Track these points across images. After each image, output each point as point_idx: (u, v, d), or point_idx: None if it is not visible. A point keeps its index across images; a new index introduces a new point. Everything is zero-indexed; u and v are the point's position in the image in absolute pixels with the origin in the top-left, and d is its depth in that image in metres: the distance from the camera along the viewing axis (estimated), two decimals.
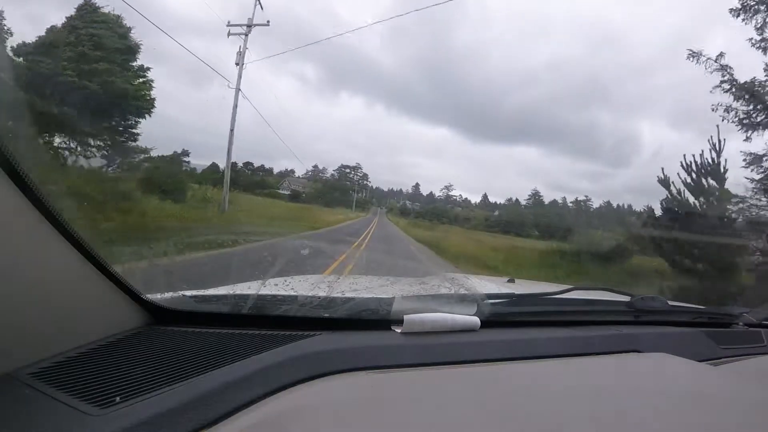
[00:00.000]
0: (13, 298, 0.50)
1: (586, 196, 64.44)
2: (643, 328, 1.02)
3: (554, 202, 64.39)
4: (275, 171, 63.09)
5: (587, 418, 0.54)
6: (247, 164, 58.27)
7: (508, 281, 1.46)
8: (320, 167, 69.84)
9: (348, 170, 74.73)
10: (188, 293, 0.81)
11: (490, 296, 0.90)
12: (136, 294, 0.69)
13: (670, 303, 1.09)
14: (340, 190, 64.36)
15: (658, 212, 9.76)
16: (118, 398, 0.50)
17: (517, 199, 68.13)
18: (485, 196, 74.06)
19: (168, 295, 0.78)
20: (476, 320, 0.81)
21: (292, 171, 65.65)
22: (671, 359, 0.83)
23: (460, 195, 75.20)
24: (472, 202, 73.24)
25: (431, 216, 56.22)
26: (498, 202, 70.35)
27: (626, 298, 1.05)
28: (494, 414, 0.54)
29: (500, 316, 0.87)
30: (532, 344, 0.81)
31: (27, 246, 0.52)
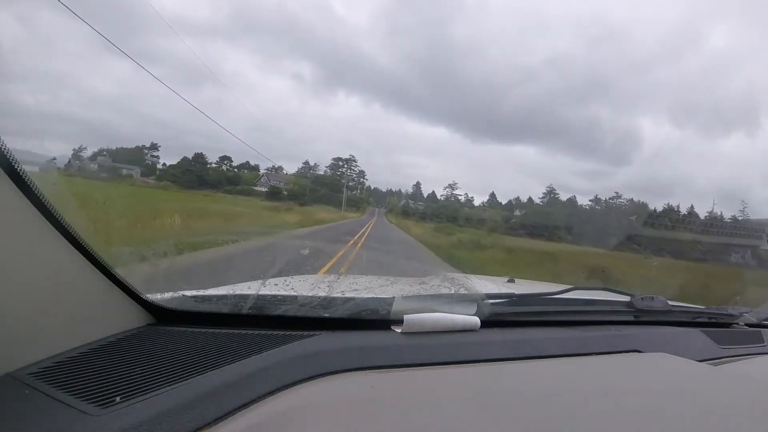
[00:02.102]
0: (13, 298, 0.50)
1: (617, 193, 57.94)
2: (643, 328, 1.02)
3: (571, 199, 59.53)
4: (263, 169, 58.18)
5: (587, 418, 0.54)
6: (225, 159, 53.64)
7: (508, 281, 1.46)
8: (311, 163, 65.05)
9: (341, 163, 68.08)
10: (188, 293, 0.81)
11: (490, 296, 0.90)
12: (137, 294, 0.69)
13: (670, 303, 1.08)
14: (330, 186, 57.62)
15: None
16: (118, 398, 0.50)
17: (530, 198, 63.65)
18: (493, 195, 70.75)
19: (168, 295, 0.78)
20: (476, 320, 0.81)
21: (280, 168, 61.38)
22: (671, 359, 0.83)
23: (466, 194, 70.88)
24: (479, 201, 69.51)
25: (441, 217, 49.91)
26: (512, 201, 66.27)
27: (626, 298, 1.05)
28: (494, 414, 0.54)
29: (500, 316, 0.87)
30: (532, 344, 0.81)
31: (27, 246, 0.52)
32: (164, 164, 52.19)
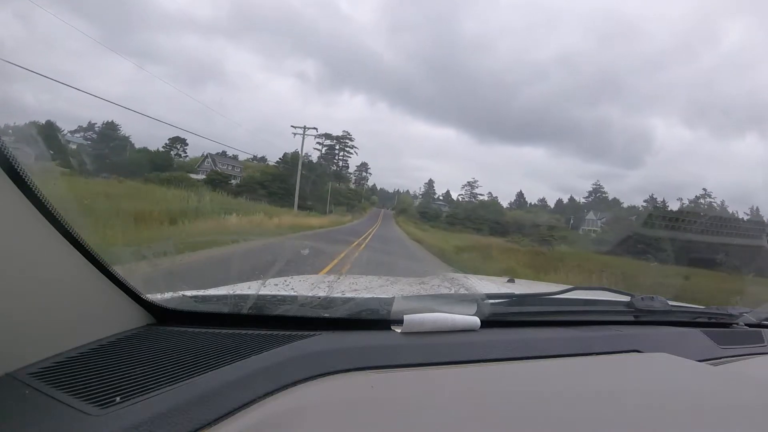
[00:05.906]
0: (13, 298, 0.50)
1: (704, 189, 46.25)
2: (643, 328, 1.02)
3: (615, 201, 50.48)
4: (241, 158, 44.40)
5: (587, 418, 0.54)
6: (176, 141, 41.11)
7: (508, 281, 1.46)
8: (302, 152, 48.76)
9: (333, 142, 51.46)
10: (188, 293, 0.81)
11: (490, 296, 0.90)
12: (137, 294, 0.69)
13: (670, 303, 1.09)
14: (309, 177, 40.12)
15: None
16: (118, 398, 0.50)
17: (572, 197, 56.21)
18: (520, 195, 63.79)
19: (168, 295, 0.78)
20: (476, 320, 0.81)
21: (263, 158, 48.25)
22: (671, 359, 0.83)
23: (490, 193, 60.62)
24: (502, 203, 59.38)
25: (475, 221, 36.64)
26: (538, 203, 59.95)
27: (626, 298, 1.05)
28: (494, 414, 0.54)
29: (500, 316, 0.87)
30: (532, 344, 0.81)
31: (27, 246, 0.52)
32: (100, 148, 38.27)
